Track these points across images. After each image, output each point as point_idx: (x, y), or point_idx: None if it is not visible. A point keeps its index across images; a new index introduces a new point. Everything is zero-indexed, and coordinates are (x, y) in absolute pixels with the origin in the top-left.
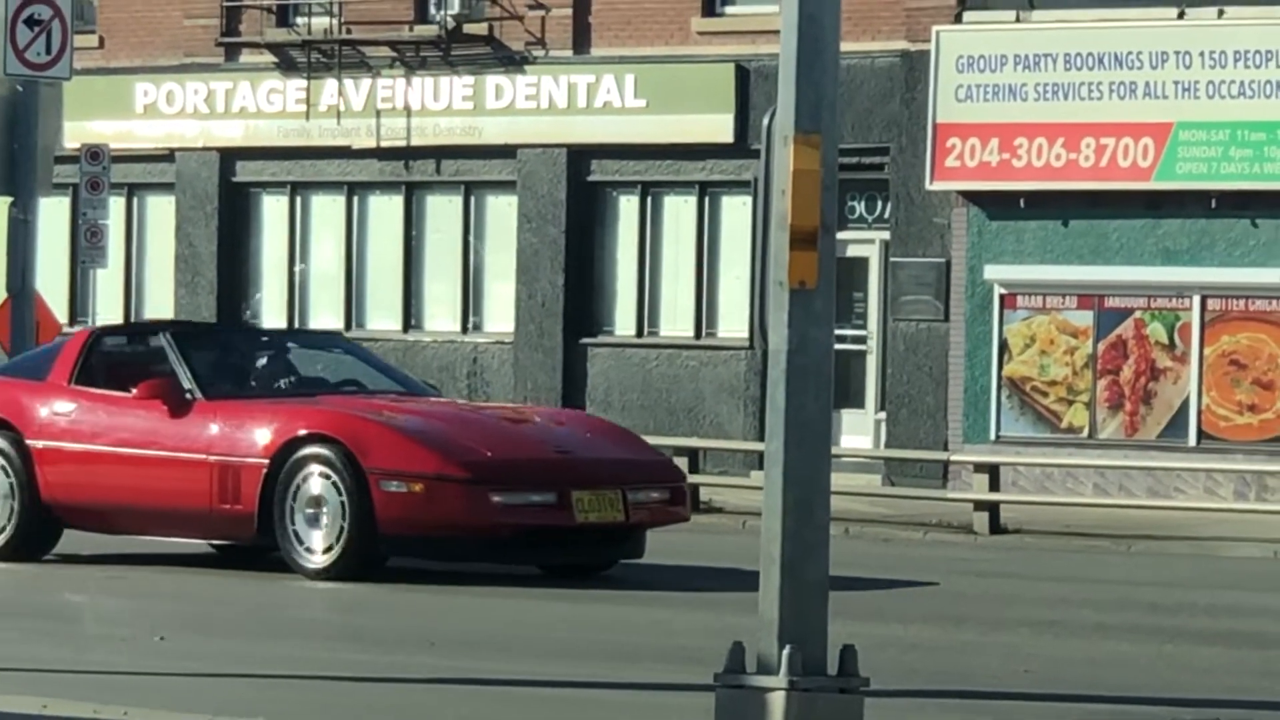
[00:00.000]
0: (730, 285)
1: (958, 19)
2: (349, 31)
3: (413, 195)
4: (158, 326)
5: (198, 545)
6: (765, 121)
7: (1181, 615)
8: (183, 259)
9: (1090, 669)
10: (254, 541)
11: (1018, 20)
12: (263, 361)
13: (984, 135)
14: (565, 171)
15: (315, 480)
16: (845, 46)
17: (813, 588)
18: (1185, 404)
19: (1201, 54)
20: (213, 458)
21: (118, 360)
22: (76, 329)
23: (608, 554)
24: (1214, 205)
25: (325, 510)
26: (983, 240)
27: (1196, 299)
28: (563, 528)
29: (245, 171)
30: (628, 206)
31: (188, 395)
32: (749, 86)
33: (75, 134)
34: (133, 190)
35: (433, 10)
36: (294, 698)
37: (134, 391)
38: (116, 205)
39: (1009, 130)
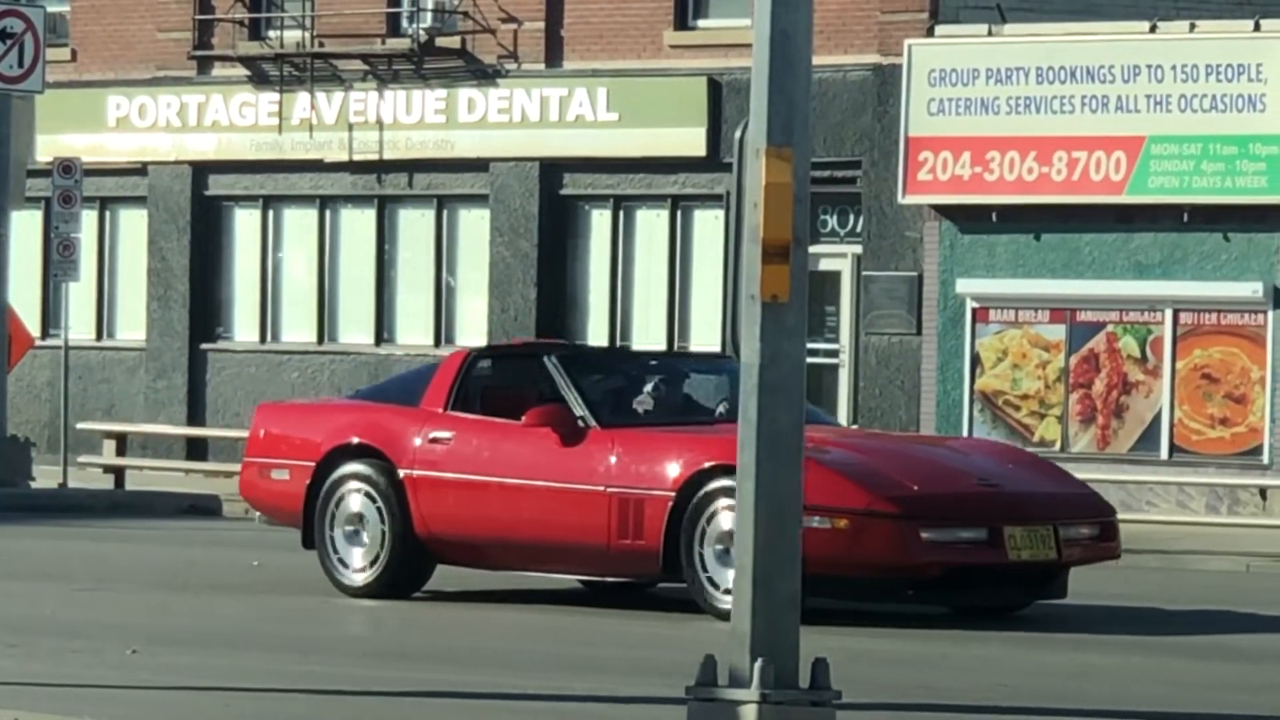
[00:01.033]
0: (702, 299)
1: (929, 32)
2: (321, 45)
3: (385, 208)
4: (540, 349)
5: (560, 581)
6: (737, 135)
7: (1155, 629)
8: (155, 272)
9: (1066, 682)
10: (656, 579)
11: (990, 34)
12: (652, 387)
13: (956, 149)
14: (537, 185)
15: (725, 515)
16: (817, 60)
17: (785, 601)
18: (1157, 418)
19: (1174, 68)
20: (611, 490)
21: (496, 384)
22: (48, 341)
23: (1035, 594)
24: (1186, 219)
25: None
26: (955, 254)
27: (1169, 313)
28: (994, 566)
29: (218, 185)
30: (600, 220)
31: (580, 423)
32: (721, 100)
33: (48, 147)
34: (105, 204)
35: (405, 23)
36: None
37: (524, 419)
38: (89, 219)
39: (981, 144)
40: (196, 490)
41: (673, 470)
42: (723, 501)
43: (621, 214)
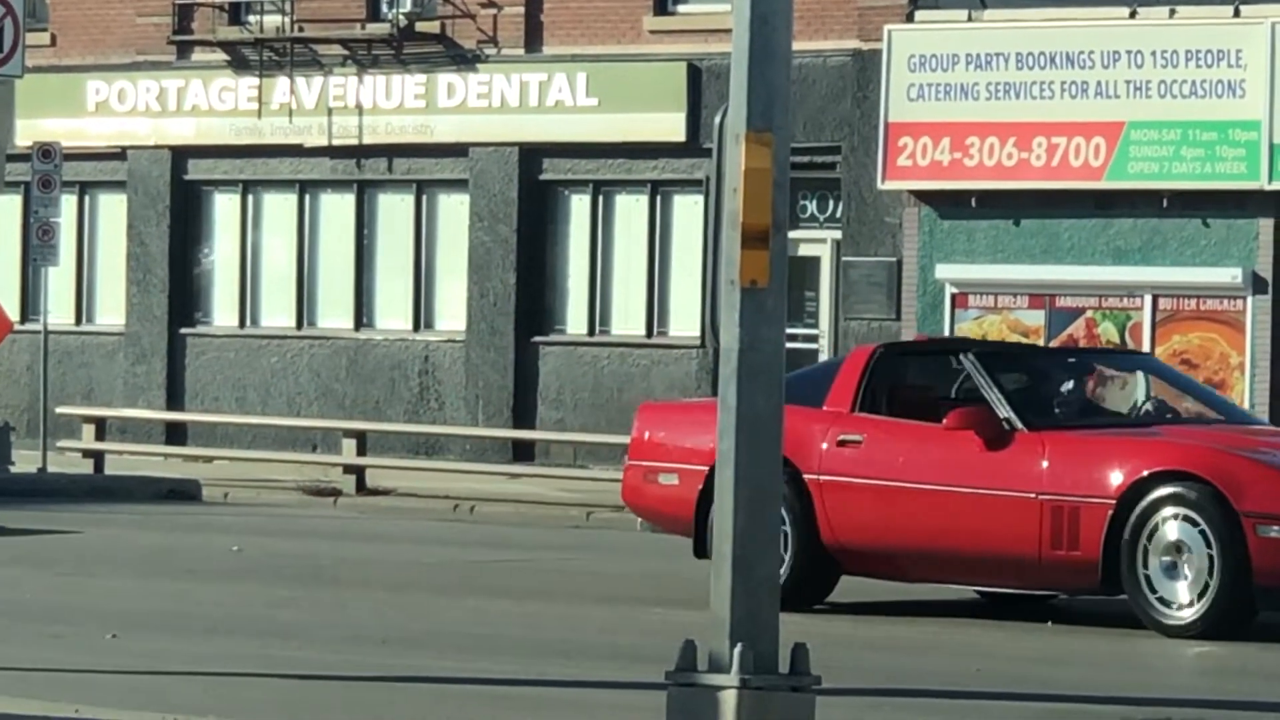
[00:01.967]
0: (682, 284)
1: (909, 18)
2: (301, 29)
3: (364, 193)
4: (952, 345)
5: (957, 592)
6: (717, 120)
7: (1134, 614)
8: (134, 257)
9: (1042, 667)
10: (1092, 591)
11: (969, 20)
12: (1070, 386)
13: (935, 134)
14: (517, 170)
15: (1173, 525)
16: (797, 45)
17: (764, 586)
18: None
19: (1153, 53)
20: (1043, 497)
21: (904, 383)
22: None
23: None
24: (1165, 205)
25: (1186, 559)
26: (934, 239)
27: (1148, 298)
28: None
29: (197, 169)
30: (579, 205)
31: (1005, 425)
32: (701, 85)
33: (27, 132)
34: (84, 188)
35: (385, 8)
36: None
37: (945, 421)
38: (68, 203)
39: (961, 129)
40: (176, 475)
41: (1113, 477)
42: (1168, 511)
43: (601, 199)
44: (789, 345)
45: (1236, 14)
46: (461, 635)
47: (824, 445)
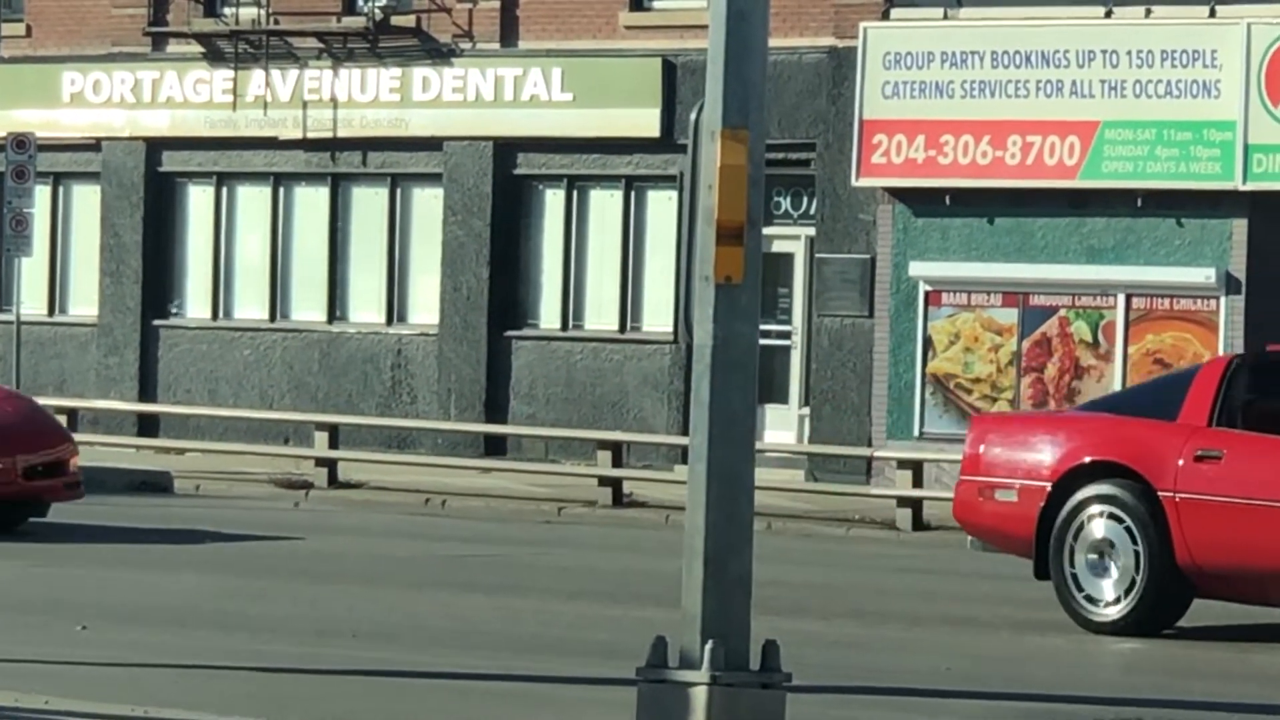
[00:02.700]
0: (655, 279)
1: (885, 15)
2: (276, 22)
3: (339, 187)
4: None
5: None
6: (693, 116)
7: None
8: (108, 249)
9: (1011, 666)
10: None
11: (945, 18)
12: None
13: (910, 132)
14: (491, 164)
15: None
16: (773, 42)
17: (736, 583)
18: None
19: (1129, 53)
20: None
21: (1264, 395)
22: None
23: None
24: (1140, 204)
25: None
26: (908, 237)
27: (1121, 297)
28: None
29: (171, 161)
30: (554, 200)
31: None
32: (676, 81)
33: (1, 122)
34: (58, 179)
35: (360, 2)
36: (216, 688)
37: None
38: (42, 194)
39: (935, 127)
40: (148, 466)
41: None
42: None
43: (575, 194)
44: (762, 341)
45: (1212, 14)
46: (433, 629)
47: (1180, 461)
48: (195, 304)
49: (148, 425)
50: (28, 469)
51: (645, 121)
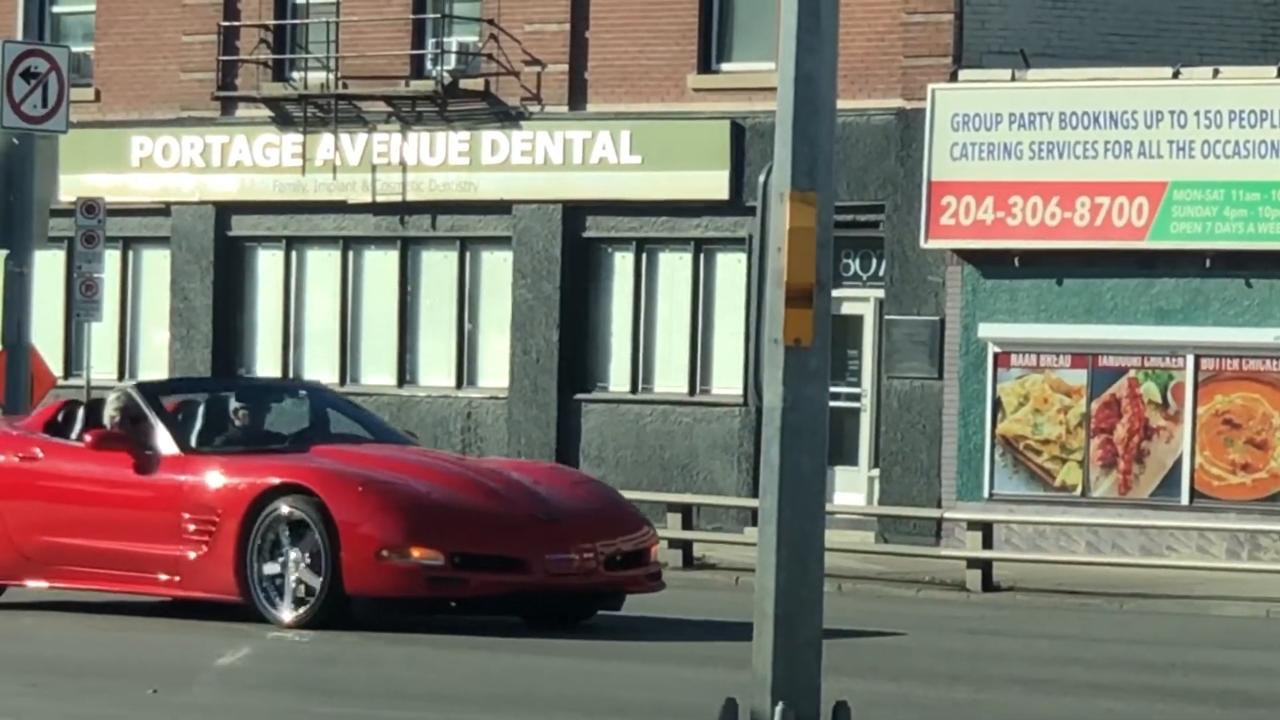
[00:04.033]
0: (725, 342)
1: (953, 77)
2: (345, 86)
3: (408, 250)
4: None
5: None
6: (761, 179)
7: (1173, 674)
8: (178, 312)
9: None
10: None
11: (1013, 79)
12: None
13: (979, 193)
14: (560, 227)
15: None
16: (841, 104)
17: (806, 644)
18: (1178, 463)
19: (1196, 113)
20: None
21: None
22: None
23: None
24: (1208, 265)
25: None
26: (977, 298)
27: (1190, 358)
28: None
29: (241, 225)
30: (622, 263)
31: None
32: (744, 144)
33: (71, 187)
34: (128, 244)
35: (429, 65)
36: None
37: None
38: (112, 258)
39: (1004, 188)
40: None
41: None
42: None
43: (644, 257)
44: (831, 404)
45: None
46: (493, 692)
47: None
48: (265, 367)
49: None
50: (609, 558)
51: (714, 184)
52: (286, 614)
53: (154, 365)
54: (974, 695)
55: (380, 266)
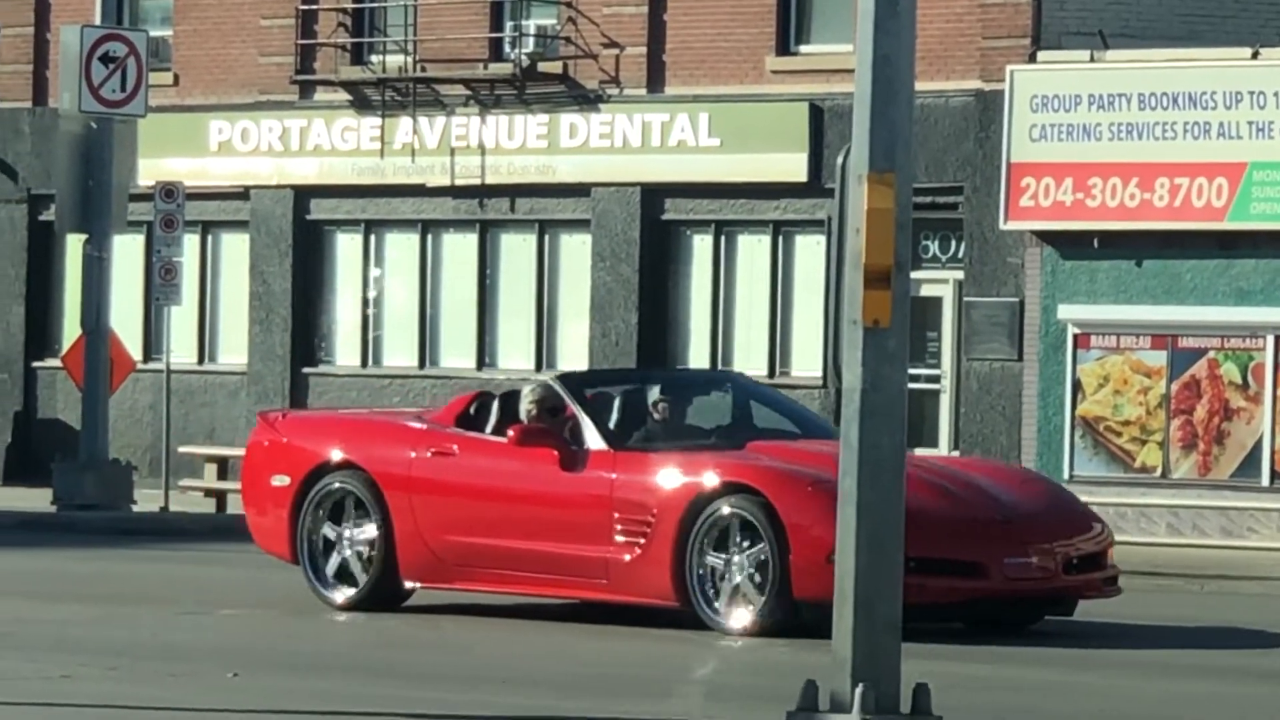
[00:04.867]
0: (804, 324)
1: (1032, 59)
2: (423, 70)
3: (487, 233)
4: None
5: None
6: (840, 160)
7: (1256, 655)
8: (257, 296)
9: (1167, 708)
10: None
11: (1092, 60)
12: None
13: (1058, 175)
14: (639, 210)
15: None
16: (920, 86)
17: (886, 625)
18: (1259, 444)
19: (1276, 94)
20: None
21: None
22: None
23: None
24: None
25: None
26: (1056, 280)
27: (1270, 339)
28: None
29: (320, 209)
30: (701, 245)
31: None
32: (823, 125)
33: (150, 171)
34: (207, 228)
35: (507, 48)
36: None
37: None
38: (191, 243)
39: (1083, 170)
40: None
41: None
42: None
43: (723, 239)
44: (911, 385)
45: None
46: (570, 674)
47: None
48: (344, 351)
49: None
50: (1066, 561)
51: (792, 166)
52: (733, 621)
53: (233, 349)
54: (1056, 677)
55: (459, 250)
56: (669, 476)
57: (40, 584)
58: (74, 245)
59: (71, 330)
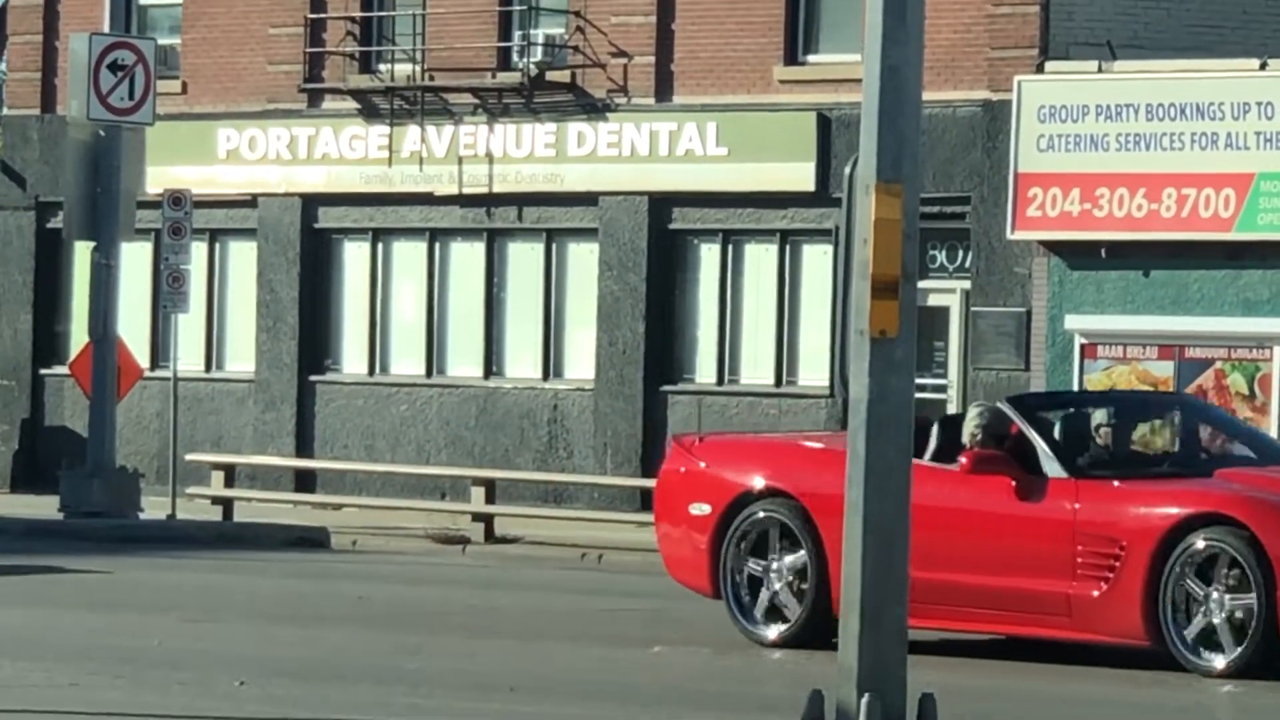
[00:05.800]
0: (811, 333)
1: (1039, 69)
2: (431, 78)
3: (494, 242)
4: None
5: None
6: (847, 170)
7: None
8: (264, 304)
9: (1174, 717)
10: None
11: (1099, 71)
12: None
13: (1065, 185)
14: (647, 219)
15: None
16: (927, 96)
17: (892, 635)
18: None
19: None
20: None
21: None
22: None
23: None
24: None
25: None
26: (1064, 290)
27: (1277, 350)
28: None
29: (327, 217)
30: (709, 254)
31: None
32: (830, 135)
33: (158, 179)
34: (215, 235)
35: (515, 57)
36: None
37: None
38: (198, 250)
39: (1090, 180)
40: (304, 522)
41: None
42: None
43: (730, 248)
44: (917, 395)
45: None
46: (590, 683)
47: None
48: (351, 359)
49: (305, 481)
50: None
51: (800, 175)
52: (1219, 661)
53: (241, 358)
54: (1057, 687)
55: (466, 258)
56: (1138, 506)
57: (44, 591)
58: (82, 253)
59: (79, 337)
